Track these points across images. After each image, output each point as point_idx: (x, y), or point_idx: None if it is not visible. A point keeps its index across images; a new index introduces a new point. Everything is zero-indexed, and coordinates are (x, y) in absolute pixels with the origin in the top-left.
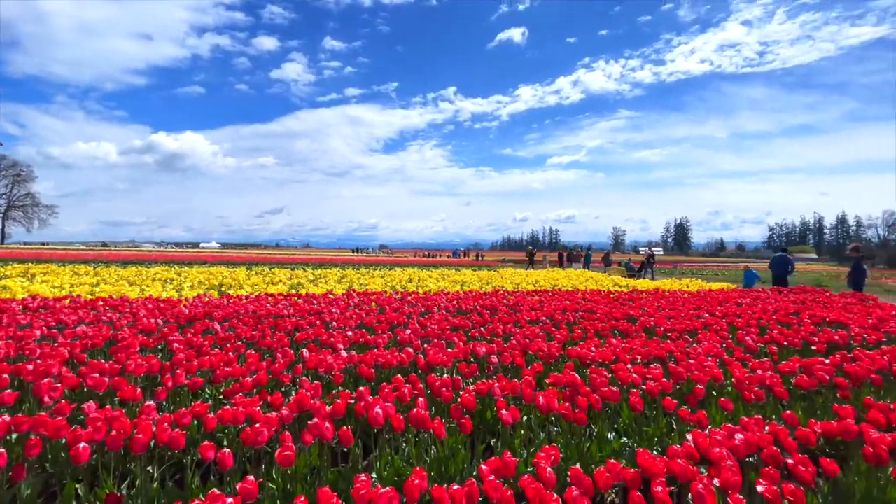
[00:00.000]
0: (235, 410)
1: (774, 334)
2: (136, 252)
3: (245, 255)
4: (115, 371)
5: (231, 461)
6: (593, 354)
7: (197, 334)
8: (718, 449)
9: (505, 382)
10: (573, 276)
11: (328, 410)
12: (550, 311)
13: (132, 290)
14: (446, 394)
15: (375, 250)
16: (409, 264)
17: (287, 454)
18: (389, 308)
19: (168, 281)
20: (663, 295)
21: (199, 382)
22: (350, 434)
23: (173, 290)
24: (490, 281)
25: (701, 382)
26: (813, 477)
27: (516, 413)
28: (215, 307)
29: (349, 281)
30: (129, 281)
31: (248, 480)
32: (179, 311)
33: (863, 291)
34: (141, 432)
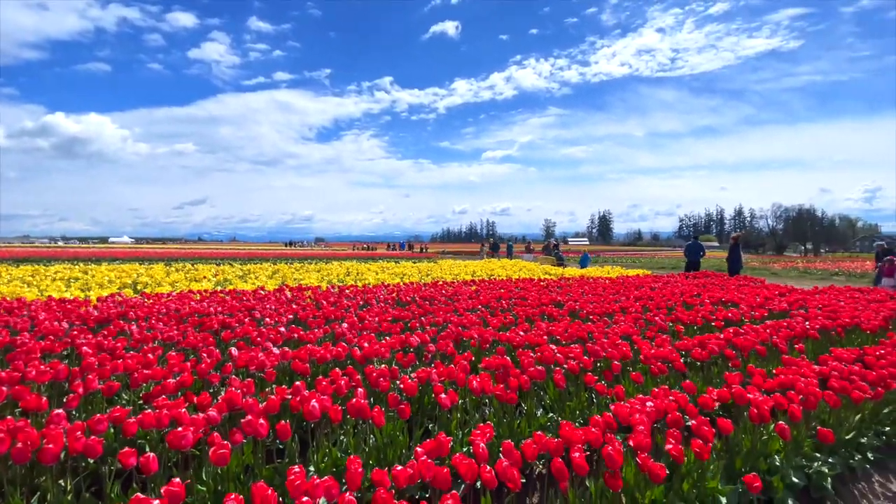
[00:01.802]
0: (159, 414)
1: (679, 314)
2: (31, 249)
3: (163, 250)
4: (15, 380)
5: (156, 466)
6: (521, 338)
7: (109, 336)
8: (638, 416)
9: (442, 369)
10: (508, 266)
11: (262, 407)
12: (487, 299)
13: (29, 291)
14: (383, 383)
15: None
16: (347, 258)
17: (222, 452)
18: (326, 303)
19: (72, 280)
20: (587, 282)
21: (115, 387)
22: (287, 428)
23: (79, 290)
24: (430, 273)
25: (615, 359)
26: (712, 436)
27: (454, 396)
28: (131, 307)
29: (282, 276)
30: (23, 281)
31: (173, 483)
32: (87, 312)
33: (739, 273)
34: (50, 442)
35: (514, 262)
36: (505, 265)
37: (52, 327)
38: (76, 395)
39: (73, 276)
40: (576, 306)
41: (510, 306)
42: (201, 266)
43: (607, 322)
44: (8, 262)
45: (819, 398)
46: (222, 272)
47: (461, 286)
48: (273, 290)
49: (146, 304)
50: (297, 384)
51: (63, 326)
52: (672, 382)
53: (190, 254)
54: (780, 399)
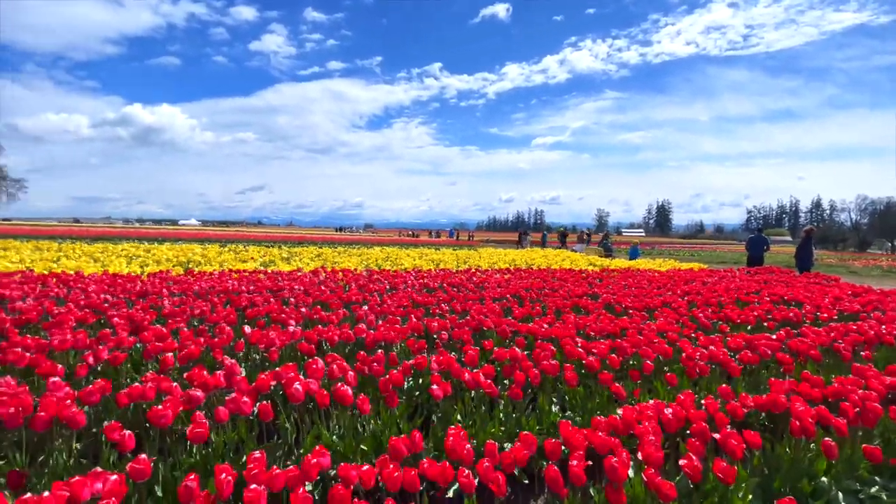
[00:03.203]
0: (144, 387)
1: (728, 312)
2: (106, 228)
3: (223, 232)
4: (41, 346)
5: (132, 443)
6: (545, 330)
7: (144, 310)
8: (646, 423)
9: (443, 357)
10: (550, 256)
11: (252, 386)
12: (516, 288)
13: (95, 265)
14: (376, 368)
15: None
16: (390, 243)
17: (199, 431)
18: (355, 285)
19: (134, 257)
20: (633, 274)
21: (121, 358)
22: (268, 408)
23: (136, 267)
24: (467, 260)
25: (648, 358)
26: (742, 450)
27: (447, 388)
28: (173, 283)
29: (324, 259)
30: (93, 257)
31: (139, 459)
32: (131, 286)
33: (809, 270)
34: (43, 409)
35: (558, 252)
36: (547, 255)
37: (95, 300)
38: (84, 365)
39: (136, 253)
40: (613, 299)
41: (540, 297)
42: (252, 248)
43: (646, 318)
44: (86, 240)
45: (879, 413)
46: (269, 254)
47: (493, 274)
48: (308, 272)
49: (189, 280)
50: (285, 366)
51: (107, 299)
52: (713, 387)
53: (247, 236)
54: (824, 411)
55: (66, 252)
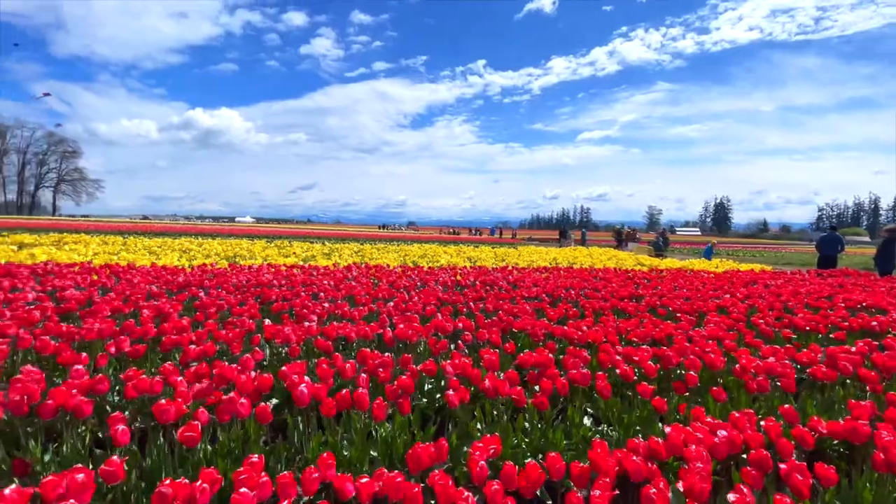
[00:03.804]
0: (152, 380)
1: (797, 319)
2: (169, 224)
3: (274, 229)
4: (70, 335)
5: (126, 438)
6: (579, 334)
7: (179, 302)
8: (692, 446)
9: (458, 361)
10: (595, 255)
11: (254, 385)
12: (553, 288)
13: (149, 258)
14: (382, 374)
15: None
16: (430, 241)
17: (189, 434)
18: (385, 282)
19: (186, 251)
20: (684, 275)
21: (142, 350)
22: (267, 410)
23: (186, 260)
24: (505, 258)
25: (694, 368)
26: (809, 486)
27: (465, 394)
28: (214, 276)
29: (363, 255)
30: (150, 251)
31: (111, 462)
32: (173, 278)
33: (892, 273)
34: (51, 398)
35: (604, 251)
36: (591, 253)
37: (134, 291)
38: (104, 355)
39: (190, 247)
40: (659, 302)
41: (578, 297)
42: (297, 244)
43: (696, 323)
44: (149, 235)
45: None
46: (311, 249)
47: (530, 273)
48: (342, 268)
49: (228, 273)
50: (285, 366)
51: (150, 290)
52: (774, 404)
53: (295, 233)
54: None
55: (129, 246)
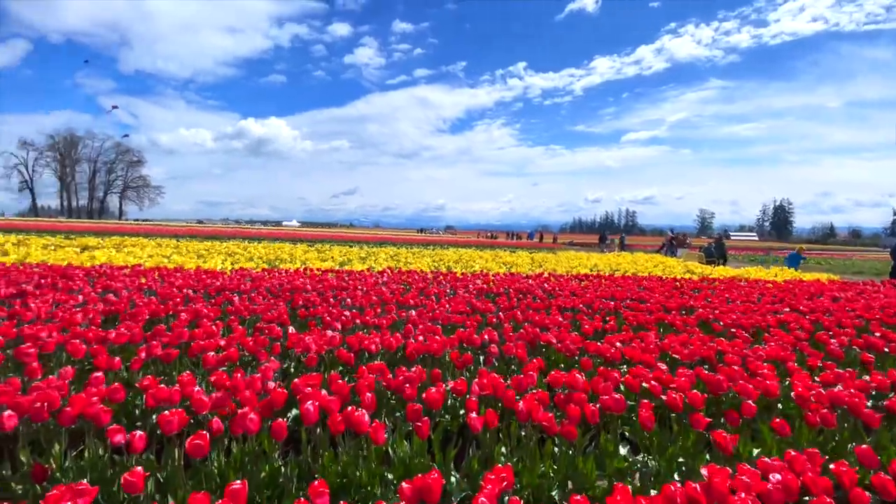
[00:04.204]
0: (172, 389)
1: (872, 338)
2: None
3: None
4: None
5: (142, 444)
6: (616, 350)
7: (216, 306)
8: (741, 493)
9: (486, 380)
10: (639, 262)
11: (265, 400)
12: (592, 298)
13: (197, 261)
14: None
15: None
16: (466, 245)
17: (197, 443)
18: (416, 288)
19: (231, 254)
20: (739, 285)
21: (174, 354)
22: (283, 426)
23: (229, 263)
24: (543, 264)
25: (748, 394)
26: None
27: (493, 417)
28: (251, 279)
29: (398, 260)
30: (198, 254)
31: (134, 472)
32: (210, 281)
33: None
34: (71, 405)
35: (650, 258)
36: (636, 260)
37: (173, 293)
38: (138, 359)
39: (235, 251)
40: (710, 315)
41: (619, 308)
42: (336, 248)
43: (751, 341)
44: (199, 238)
45: None
46: (349, 253)
47: (568, 280)
48: (375, 272)
49: (265, 277)
50: (296, 381)
51: (188, 293)
52: (843, 437)
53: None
54: None
55: (180, 249)
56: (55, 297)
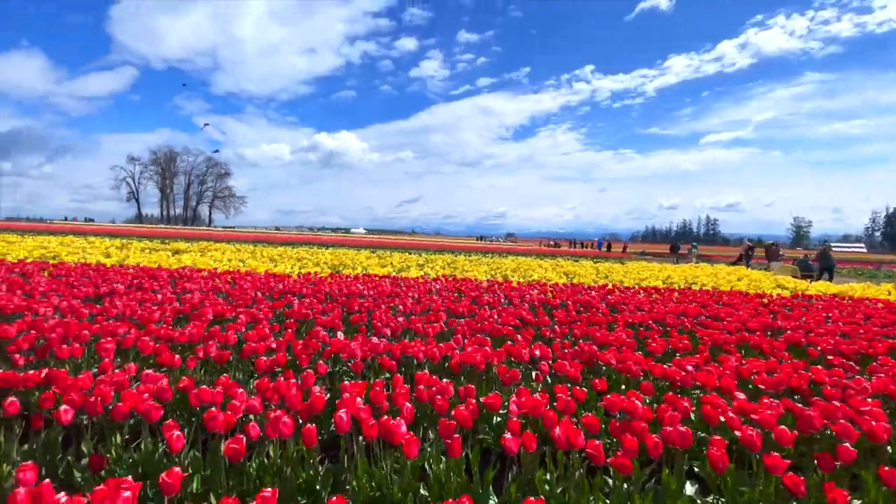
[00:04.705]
0: (214, 391)
1: None
2: (293, 235)
3: (380, 240)
4: (167, 336)
5: (180, 444)
6: (685, 375)
7: (271, 309)
8: None
9: (526, 398)
10: (720, 275)
11: (305, 404)
12: (662, 314)
13: (269, 265)
14: (440, 403)
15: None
16: (527, 253)
17: (234, 447)
18: (467, 296)
19: (300, 260)
20: (841, 304)
21: (226, 355)
22: (313, 433)
23: (298, 268)
24: (609, 275)
25: (848, 435)
26: None
27: (531, 440)
28: (313, 284)
29: (455, 267)
30: (270, 258)
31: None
32: (272, 285)
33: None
34: (124, 400)
35: (732, 270)
36: (716, 273)
37: (244, 296)
38: (193, 358)
39: (304, 256)
40: (804, 339)
41: (693, 327)
42: (396, 254)
43: (855, 370)
44: (274, 244)
45: None
46: (407, 260)
47: (635, 293)
48: (429, 279)
49: (328, 282)
50: (342, 385)
51: (256, 296)
52: None
53: (397, 243)
54: None
55: (255, 254)
56: (140, 297)
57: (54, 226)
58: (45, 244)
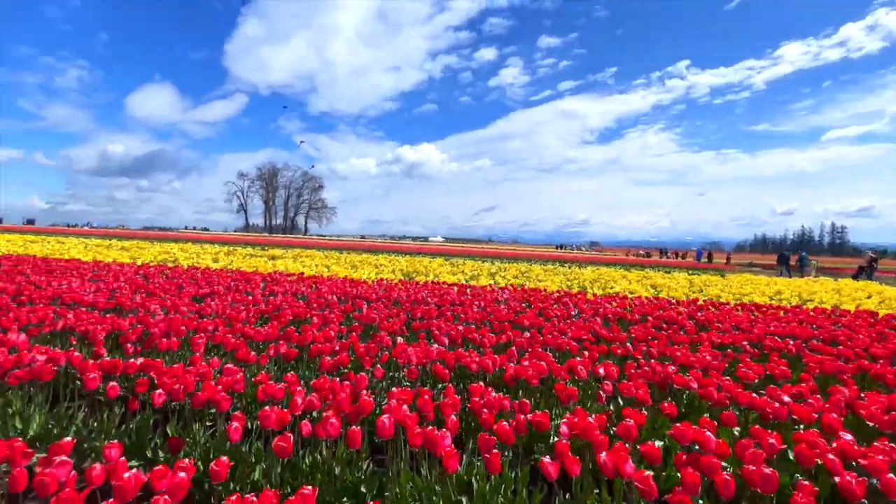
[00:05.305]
0: (278, 387)
1: None
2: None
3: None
4: (253, 335)
5: (238, 436)
6: (779, 407)
7: (343, 312)
8: None
9: (579, 419)
10: (844, 291)
11: (353, 407)
12: (762, 334)
13: (350, 271)
14: (486, 417)
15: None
16: (610, 263)
17: (281, 444)
18: (535, 307)
19: (378, 266)
20: None
21: (293, 354)
22: (357, 435)
23: (375, 274)
24: (704, 288)
25: None
26: None
27: (574, 464)
28: (384, 290)
29: (528, 276)
30: (352, 265)
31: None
32: (350, 289)
33: None
34: (203, 391)
35: (861, 286)
36: (840, 288)
37: (318, 299)
38: (264, 355)
39: (382, 263)
40: None
41: (801, 351)
42: (469, 262)
43: None
44: (357, 251)
45: None
46: (479, 268)
47: (731, 310)
48: (496, 288)
49: (398, 288)
50: (394, 390)
51: (330, 299)
52: None
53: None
54: None
55: (340, 261)
56: (233, 298)
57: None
58: (168, 250)
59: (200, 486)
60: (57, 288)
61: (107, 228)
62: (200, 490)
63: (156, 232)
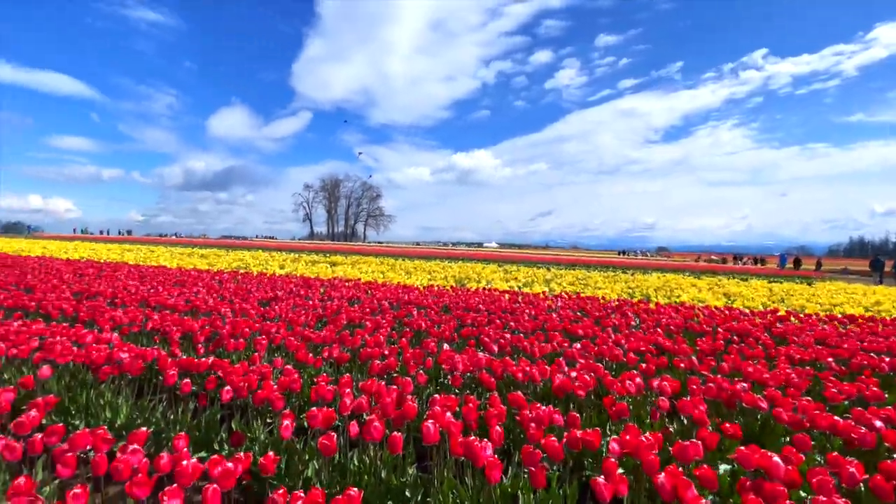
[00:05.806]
0: (328, 388)
1: None
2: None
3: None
4: (312, 338)
5: (288, 433)
6: (865, 432)
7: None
8: None
9: (631, 437)
10: None
11: (398, 412)
12: (852, 350)
13: (404, 277)
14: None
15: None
16: (680, 269)
17: (325, 443)
18: (591, 316)
19: (430, 272)
20: None
21: (345, 357)
22: (398, 440)
23: (428, 280)
24: (786, 298)
25: None
26: None
27: (623, 485)
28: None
29: (586, 283)
30: (406, 271)
31: (268, 457)
32: (402, 295)
33: None
34: (262, 390)
35: None
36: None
37: (372, 305)
38: (318, 359)
39: (435, 269)
40: None
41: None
42: (523, 269)
43: None
44: (412, 258)
45: None
46: (533, 275)
47: (815, 322)
48: (552, 295)
49: (448, 294)
50: (436, 397)
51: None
52: None
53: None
54: None
55: (395, 267)
56: (295, 302)
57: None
58: (241, 258)
59: (258, 478)
60: (146, 292)
61: (191, 237)
62: (258, 482)
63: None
